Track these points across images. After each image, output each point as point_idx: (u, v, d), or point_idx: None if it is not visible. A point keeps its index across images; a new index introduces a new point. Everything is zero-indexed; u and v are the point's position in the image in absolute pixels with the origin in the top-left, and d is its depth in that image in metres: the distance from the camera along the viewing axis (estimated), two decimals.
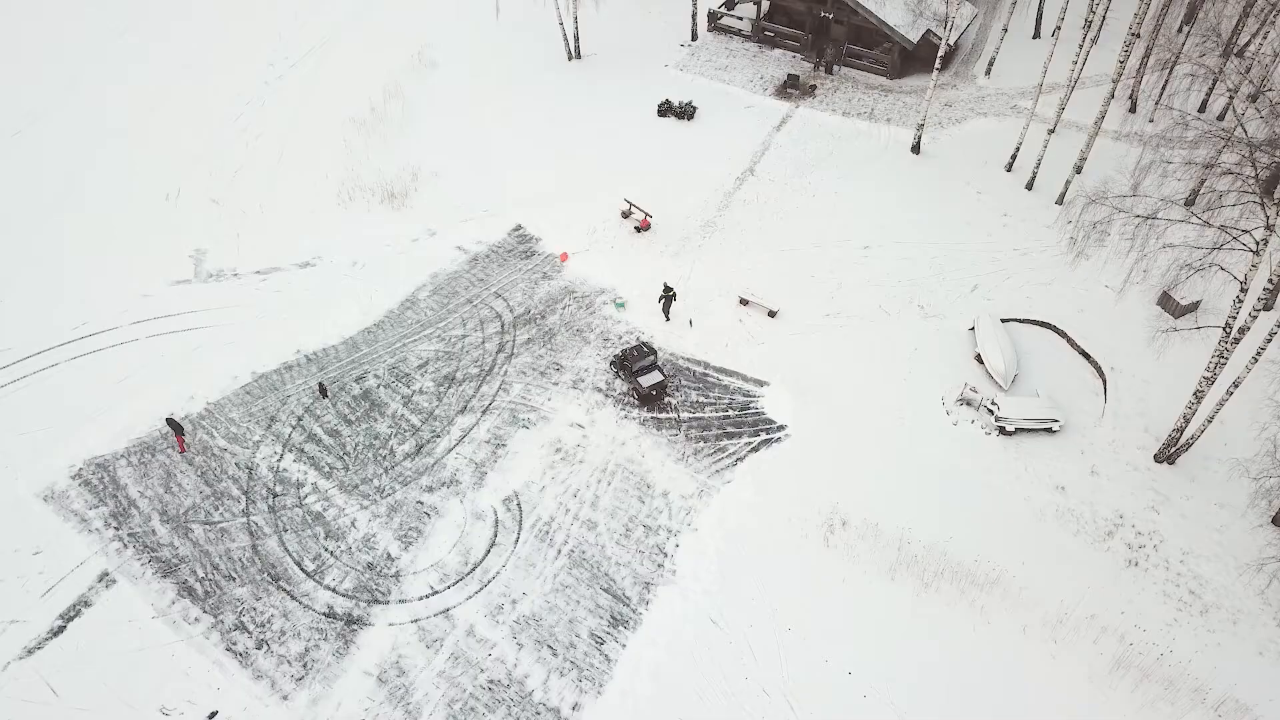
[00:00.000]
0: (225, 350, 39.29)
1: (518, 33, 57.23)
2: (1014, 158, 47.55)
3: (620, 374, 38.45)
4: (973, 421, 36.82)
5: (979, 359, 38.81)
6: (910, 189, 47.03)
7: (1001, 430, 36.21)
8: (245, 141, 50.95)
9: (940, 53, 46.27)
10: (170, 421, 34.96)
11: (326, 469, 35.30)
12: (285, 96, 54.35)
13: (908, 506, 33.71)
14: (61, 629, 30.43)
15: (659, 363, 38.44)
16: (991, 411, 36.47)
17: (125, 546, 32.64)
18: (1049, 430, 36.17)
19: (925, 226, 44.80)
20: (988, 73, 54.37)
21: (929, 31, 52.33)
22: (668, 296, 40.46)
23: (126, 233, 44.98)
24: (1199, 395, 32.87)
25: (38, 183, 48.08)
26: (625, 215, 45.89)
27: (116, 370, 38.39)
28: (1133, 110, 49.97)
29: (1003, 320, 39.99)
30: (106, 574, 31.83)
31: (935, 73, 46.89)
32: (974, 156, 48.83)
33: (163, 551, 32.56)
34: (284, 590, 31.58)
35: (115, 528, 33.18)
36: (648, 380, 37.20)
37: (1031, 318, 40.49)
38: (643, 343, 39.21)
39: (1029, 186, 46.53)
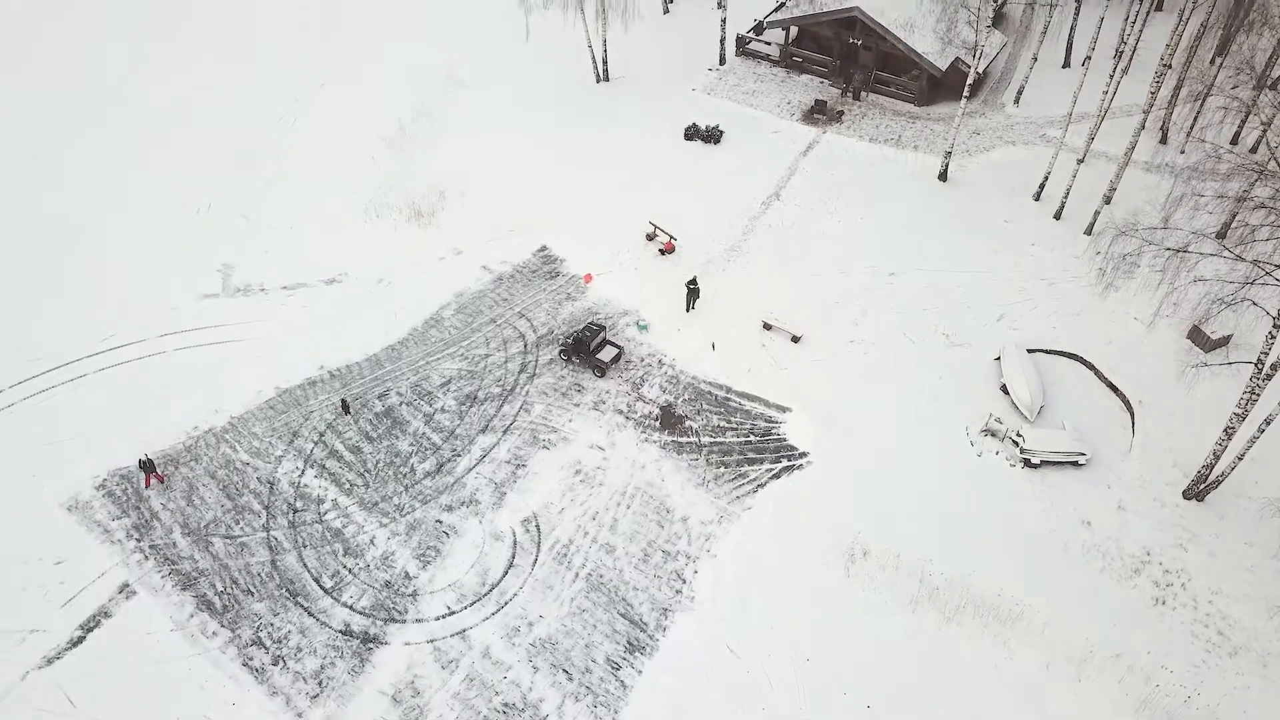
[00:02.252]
0: (250, 364, 39.55)
1: (547, 54, 57.61)
2: (1042, 187, 47.24)
3: (575, 359, 39.81)
4: (997, 453, 36.41)
5: (1004, 389, 38.43)
6: (937, 216, 46.80)
7: (1026, 462, 35.77)
8: (276, 157, 51.45)
9: (969, 81, 46.13)
10: (142, 463, 34.67)
11: (347, 485, 35.37)
12: (316, 114, 54.90)
13: (930, 537, 33.35)
14: (81, 639, 30.59)
15: (609, 337, 40.68)
16: (1016, 443, 36.05)
17: (146, 558, 32.82)
18: (1075, 464, 35.69)
19: (952, 254, 44.53)
20: (1016, 101, 54.15)
21: (958, 59, 52.21)
22: (692, 290, 41.49)
23: (158, 246, 45.47)
24: (1229, 432, 32.33)
25: (71, 194, 48.70)
26: (650, 238, 45.93)
27: (143, 382, 38.73)
28: (1164, 141, 49.56)
29: (1029, 350, 39.58)
30: (127, 585, 32.00)
31: (964, 101, 46.74)
32: (1002, 185, 48.57)
33: (183, 564, 32.69)
34: (301, 606, 31.60)
35: (137, 539, 33.38)
36: (606, 355, 39.19)
37: (1058, 348, 40.09)
38: (590, 323, 40.40)
39: (1057, 216, 46.18)
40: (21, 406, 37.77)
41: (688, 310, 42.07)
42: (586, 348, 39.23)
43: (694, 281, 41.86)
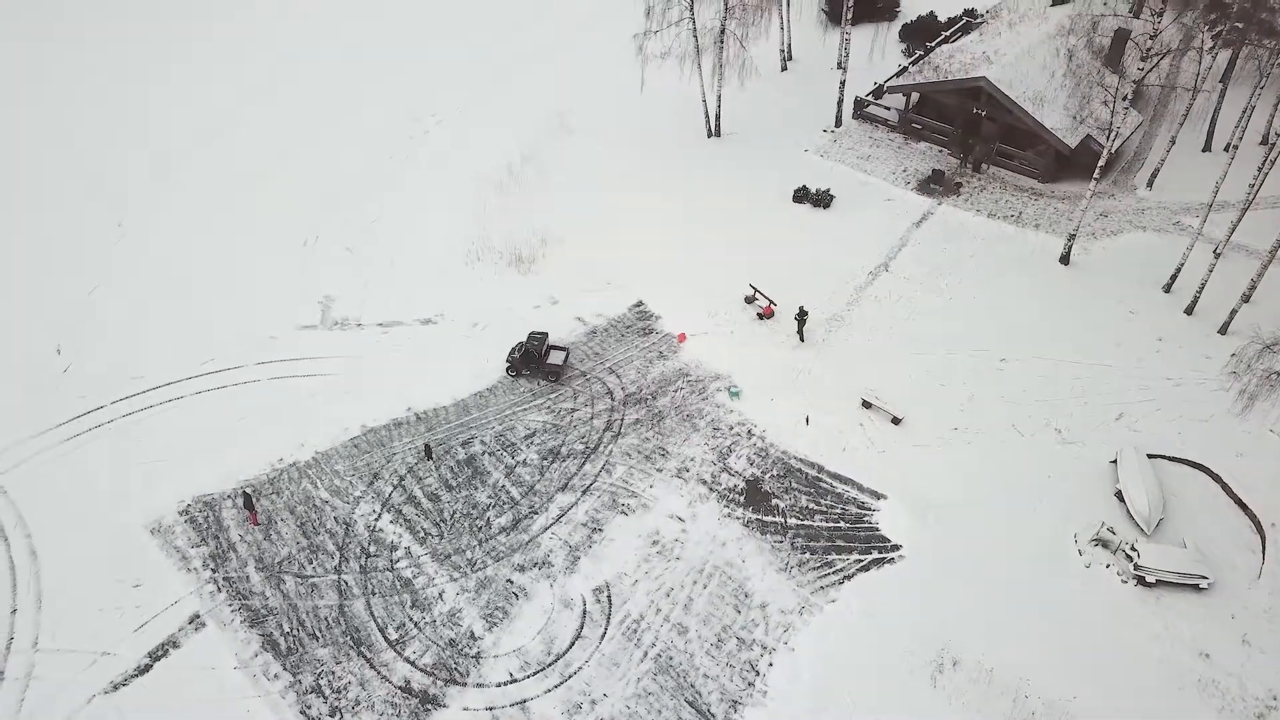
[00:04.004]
0: (340, 400, 39.65)
1: (659, 105, 57.27)
2: (1174, 278, 44.29)
3: (524, 371, 40.76)
4: (1108, 566, 33.67)
5: (1119, 496, 35.68)
6: (1056, 301, 44.30)
7: (1140, 580, 32.94)
8: (384, 193, 52.22)
9: (1101, 162, 43.73)
10: (245, 496, 34.90)
11: (421, 534, 34.85)
12: (428, 152, 55.71)
13: (1028, 653, 30.87)
14: (148, 667, 30.58)
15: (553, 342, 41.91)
16: (1130, 557, 33.28)
17: (219, 590, 32.79)
18: (1195, 587, 32.70)
19: (1069, 343, 41.97)
20: (1150, 184, 51.23)
21: (1089, 136, 49.76)
22: (800, 319, 41.89)
23: (264, 274, 46.40)
24: None
25: (188, 218, 50.30)
26: (749, 301, 44.69)
27: (235, 409, 39.17)
28: None
29: (1149, 456, 36.74)
30: (197, 616, 31.98)
31: (1094, 181, 44.30)
32: (1129, 273, 45.76)
33: (254, 600, 32.53)
34: (364, 657, 31.00)
35: (212, 569, 33.42)
36: (555, 358, 40.50)
37: (1183, 456, 37.09)
38: (532, 334, 41.35)
39: (1189, 311, 43.17)
40: (120, 424, 38.57)
41: (799, 336, 42.42)
42: (537, 357, 40.32)
43: (803, 313, 41.88)
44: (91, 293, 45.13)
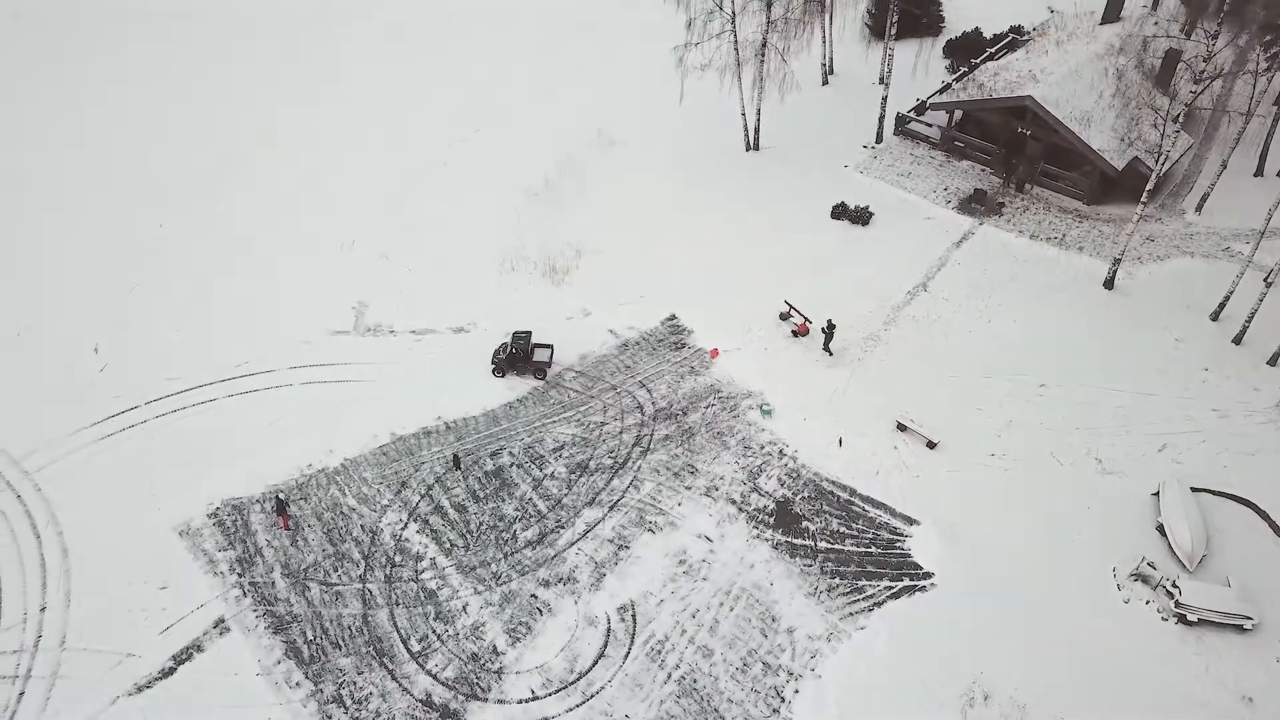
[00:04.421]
0: (370, 407, 39.64)
1: (698, 119, 56.97)
2: (1222, 306, 43.11)
3: (511, 371, 40.98)
4: (1148, 602, 32.69)
5: (1161, 530, 34.67)
6: (1099, 327, 43.30)
7: (1181, 618, 31.94)
8: (422, 201, 52.33)
9: (1150, 185, 42.72)
10: (278, 501, 34.90)
11: (447, 545, 34.65)
12: (466, 161, 55.75)
13: (1062, 690, 30.04)
14: (172, 670, 30.63)
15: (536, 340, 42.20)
16: (1171, 594, 32.28)
17: (244, 595, 32.80)
18: (1239, 628, 31.63)
19: (1112, 370, 40.97)
20: (1198, 209, 50.01)
21: (1136, 158, 48.67)
22: (828, 332, 41.46)
23: (302, 277, 46.60)
24: None
25: (225, 219, 50.70)
26: (784, 318, 44.14)
27: (267, 413, 39.28)
28: None
29: (1193, 489, 35.67)
30: (222, 620, 32.00)
31: (1141, 206, 43.27)
32: (1175, 299, 44.63)
33: (278, 606, 32.49)
34: (386, 668, 30.81)
35: (239, 574, 33.45)
36: (541, 355, 41.02)
37: (1228, 491, 36.00)
38: (515, 333, 41.28)
39: (1237, 341, 41.98)
40: (154, 424, 38.83)
41: (826, 350, 42.06)
42: (524, 351, 40.55)
43: (831, 326, 41.52)
44: (130, 292, 45.56)
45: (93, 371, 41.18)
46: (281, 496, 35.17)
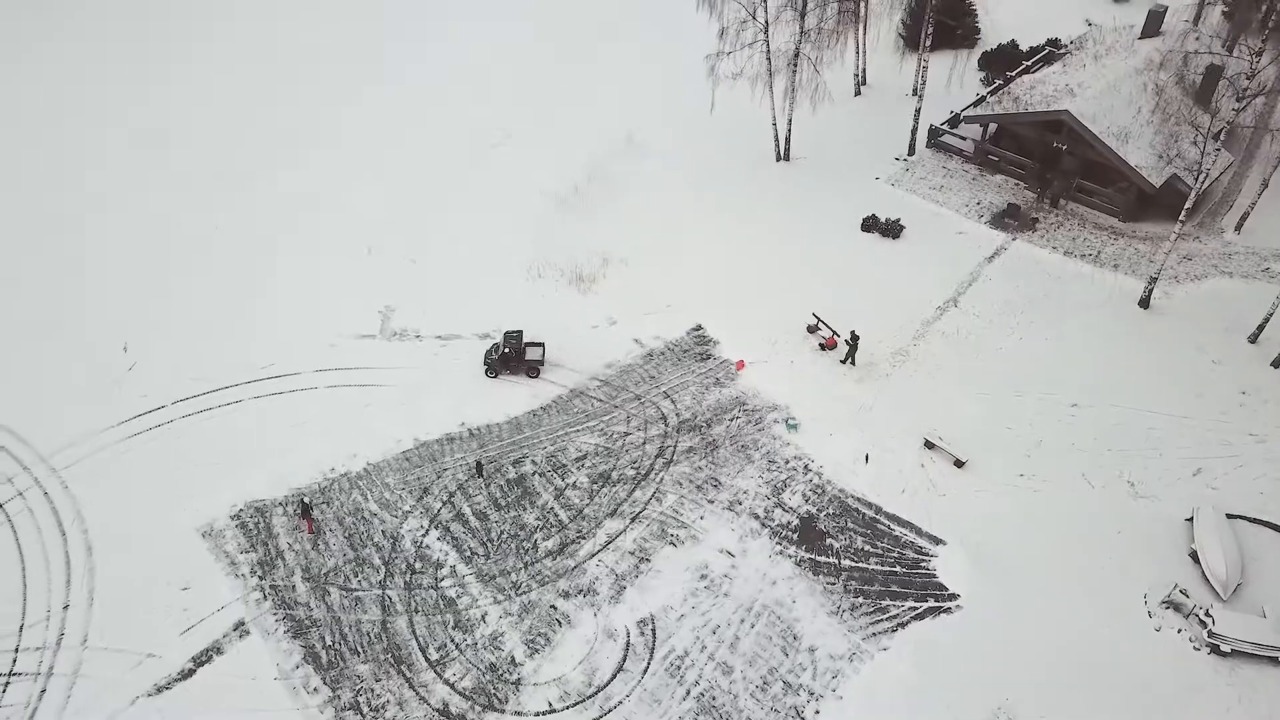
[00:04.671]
0: (394, 411, 39.61)
1: (728, 128, 56.65)
2: (1261, 329, 42.18)
3: (505, 370, 41.17)
4: (1179, 631, 31.94)
5: (1194, 557, 33.90)
6: (1133, 347, 42.51)
7: (1214, 649, 31.17)
8: (450, 206, 52.37)
9: (1188, 203, 41.91)
10: (303, 505, 34.91)
11: (468, 553, 34.50)
12: (494, 166, 55.75)
13: (1090, 719, 29.29)
14: (191, 672, 30.65)
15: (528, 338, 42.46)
16: (1204, 624, 31.51)
17: (265, 598, 32.80)
18: (1275, 660, 30.81)
19: (1146, 392, 40.20)
20: (1238, 228, 49.04)
21: (1174, 176, 47.81)
22: (852, 344, 41.17)
23: (329, 279, 46.75)
24: None
25: (254, 219, 50.96)
26: (811, 331, 43.71)
27: (292, 416, 39.36)
28: None
29: (1229, 516, 34.85)
30: (242, 623, 32.01)
31: (1179, 224, 42.46)
32: (1212, 320, 43.74)
33: (298, 611, 32.47)
34: (404, 676, 30.68)
35: (260, 577, 33.47)
36: (534, 354, 41.14)
37: (1265, 519, 35.14)
38: (507, 332, 41.55)
39: (1276, 364, 41.08)
40: (180, 424, 39.02)
41: (849, 361, 41.78)
42: (518, 348, 40.84)
43: (855, 338, 41.22)
44: (159, 292, 45.85)
45: (121, 370, 41.49)
46: (306, 501, 35.20)
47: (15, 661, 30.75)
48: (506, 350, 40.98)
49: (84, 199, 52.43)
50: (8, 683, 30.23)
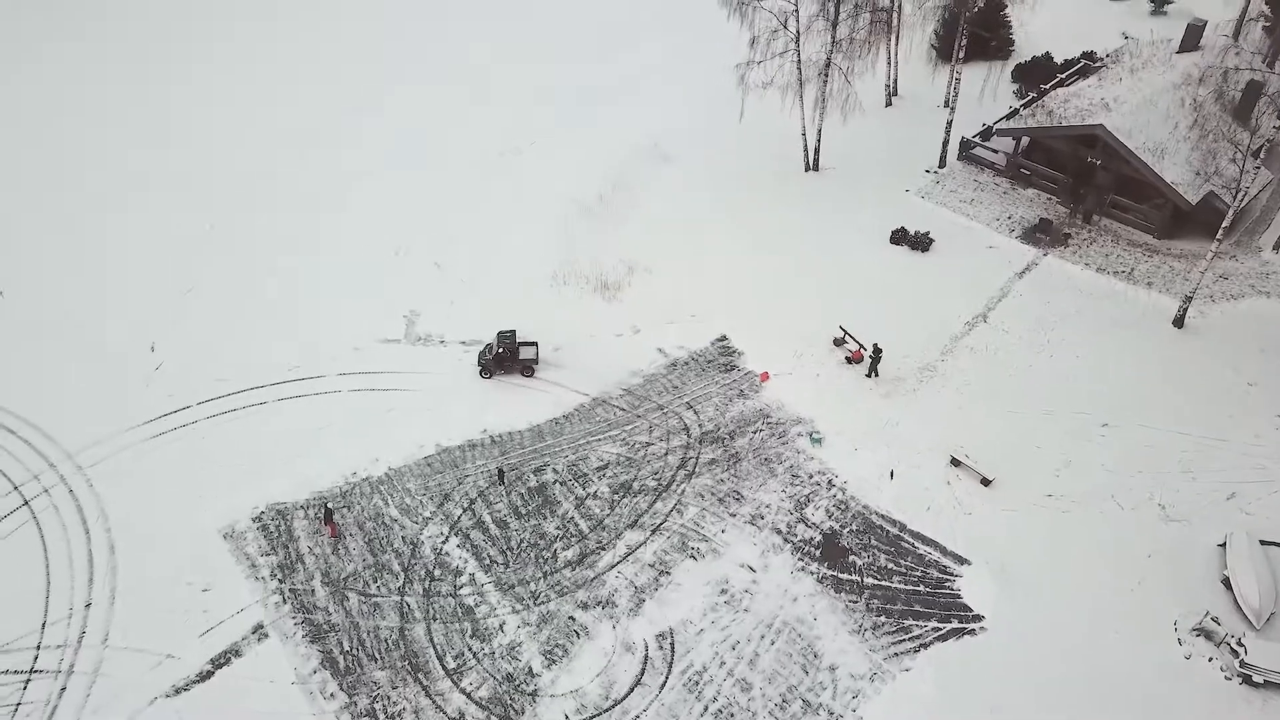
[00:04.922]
0: (416, 417, 39.57)
1: (757, 137, 56.25)
2: None
3: (499, 370, 41.26)
4: (1210, 659, 31.24)
5: (1226, 583, 33.18)
6: (1166, 367, 41.77)
7: (1246, 679, 30.45)
8: (476, 211, 52.34)
9: (1226, 222, 41.14)
10: (326, 509, 34.94)
11: (487, 561, 34.37)
12: (519, 173, 55.68)
13: None
14: (210, 674, 30.70)
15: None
16: (1236, 653, 30.80)
17: (284, 601, 32.81)
18: None
19: (1179, 413, 39.46)
20: (1276, 247, 48.13)
21: (1212, 193, 46.97)
22: (874, 356, 41.02)
23: (355, 282, 46.82)
24: None
25: (280, 221, 51.13)
26: (837, 344, 43.28)
27: (315, 419, 39.44)
28: None
29: (1263, 542, 34.08)
30: (261, 626, 32.03)
31: (1217, 242, 41.68)
32: (1249, 341, 42.92)
33: (317, 615, 32.45)
34: (421, 684, 30.56)
35: (280, 580, 33.49)
36: (527, 354, 41.44)
37: None
38: (500, 332, 41.51)
39: None
40: (204, 425, 39.18)
41: (872, 374, 41.54)
42: (512, 348, 40.86)
43: (878, 350, 41.16)
44: (186, 293, 46.13)
45: (148, 370, 41.74)
46: (330, 505, 35.22)
47: (37, 658, 30.92)
48: (500, 350, 40.98)
49: (116, 199, 52.76)
50: (29, 679, 30.40)
